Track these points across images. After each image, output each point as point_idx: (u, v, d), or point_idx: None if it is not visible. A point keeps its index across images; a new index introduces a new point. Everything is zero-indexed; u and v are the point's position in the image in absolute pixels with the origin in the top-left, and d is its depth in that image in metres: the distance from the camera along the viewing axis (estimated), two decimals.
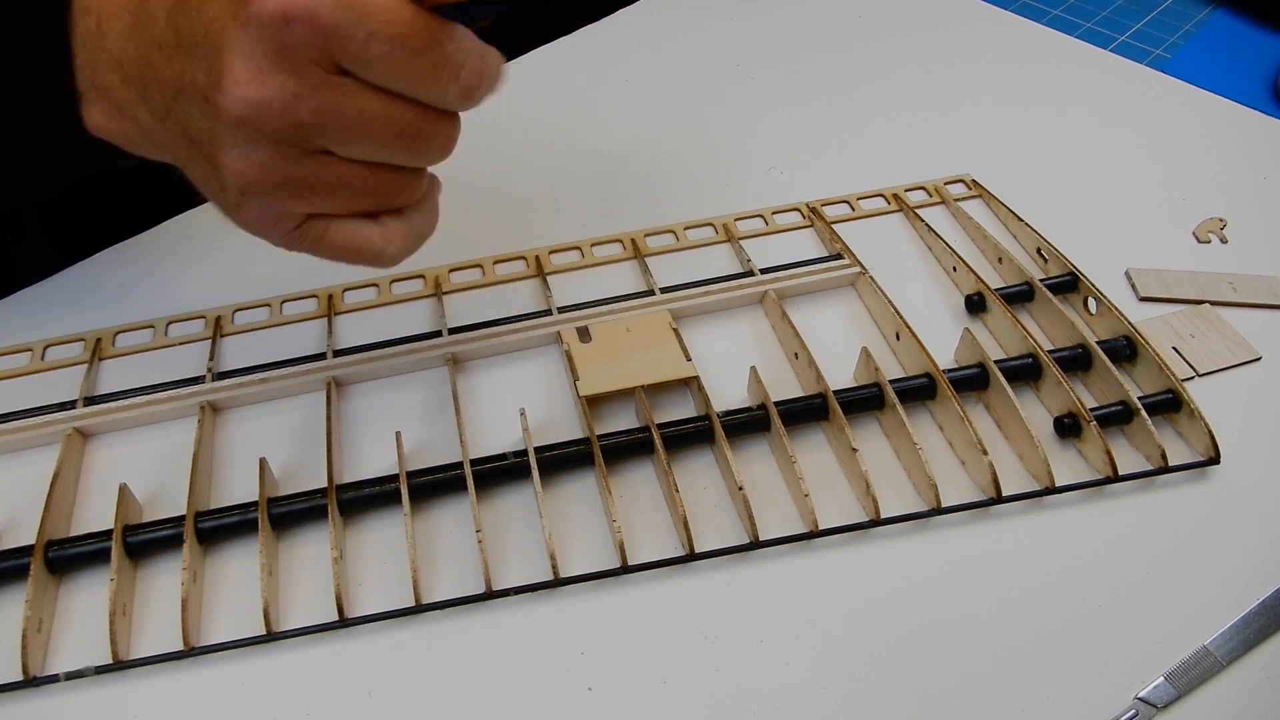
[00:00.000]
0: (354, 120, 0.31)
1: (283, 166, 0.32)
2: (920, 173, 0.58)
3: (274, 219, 0.34)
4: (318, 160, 0.32)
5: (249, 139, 0.31)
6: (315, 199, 0.33)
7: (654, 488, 0.42)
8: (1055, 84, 0.65)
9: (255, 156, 0.31)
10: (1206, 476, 0.42)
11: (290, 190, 0.32)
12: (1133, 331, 0.45)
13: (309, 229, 0.34)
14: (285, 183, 0.32)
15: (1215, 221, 0.54)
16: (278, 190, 0.32)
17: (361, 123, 0.31)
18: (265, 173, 0.32)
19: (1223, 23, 0.76)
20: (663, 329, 0.47)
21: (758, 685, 0.36)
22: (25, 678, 0.36)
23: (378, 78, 0.30)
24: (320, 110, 0.30)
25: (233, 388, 0.45)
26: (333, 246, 0.35)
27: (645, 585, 0.39)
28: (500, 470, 0.41)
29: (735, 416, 0.43)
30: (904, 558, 0.40)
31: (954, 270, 0.51)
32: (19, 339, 0.49)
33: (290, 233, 0.34)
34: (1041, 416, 0.45)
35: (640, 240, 0.53)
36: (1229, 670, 0.36)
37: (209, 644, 0.37)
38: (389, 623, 0.38)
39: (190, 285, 0.52)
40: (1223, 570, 0.39)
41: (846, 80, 0.66)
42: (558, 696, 0.36)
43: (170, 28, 0.31)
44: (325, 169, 0.32)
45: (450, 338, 0.47)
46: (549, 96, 0.64)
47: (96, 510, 0.42)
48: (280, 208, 0.33)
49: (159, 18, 0.32)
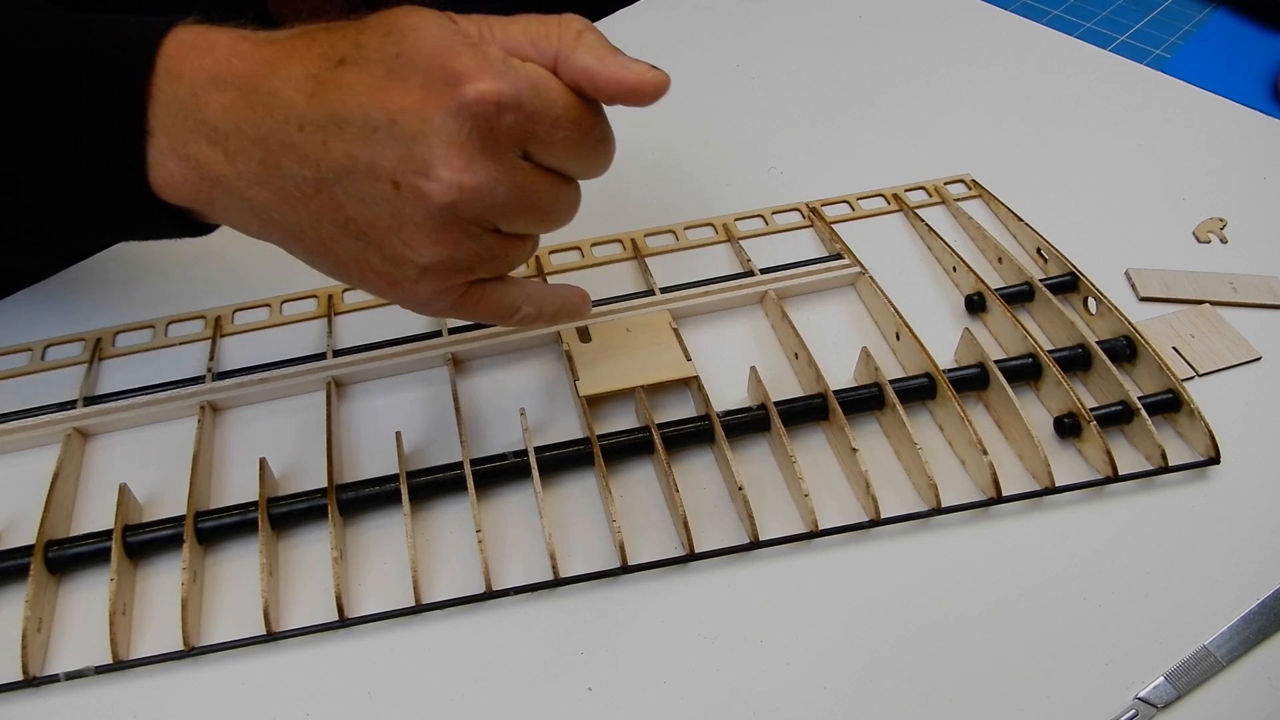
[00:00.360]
0: (531, 199, 0.33)
1: (469, 244, 0.33)
2: (920, 173, 0.58)
3: (445, 291, 0.35)
4: (491, 235, 0.34)
5: (448, 221, 0.32)
6: (480, 269, 0.35)
7: (654, 488, 0.42)
8: (1055, 84, 0.65)
9: (449, 236, 0.32)
10: (1206, 476, 0.42)
11: (467, 264, 0.34)
12: (1133, 331, 0.45)
13: (470, 295, 0.36)
14: (468, 259, 0.34)
15: (1215, 221, 0.54)
16: (457, 264, 0.34)
17: (535, 202, 0.33)
18: (456, 251, 0.33)
19: (1223, 23, 0.76)
20: (663, 329, 0.47)
21: (758, 685, 0.36)
22: (25, 678, 0.36)
23: (553, 159, 0.33)
24: (512, 193, 0.32)
25: (233, 388, 0.45)
26: (488, 308, 0.37)
27: (645, 585, 0.39)
28: (500, 470, 0.41)
29: (735, 416, 0.43)
30: (904, 558, 0.40)
31: (954, 270, 0.51)
32: (19, 339, 0.49)
33: (455, 301, 0.36)
34: (1041, 416, 0.45)
35: (640, 240, 0.53)
36: (1229, 670, 0.36)
37: (209, 644, 0.37)
38: (389, 623, 0.38)
39: (190, 285, 0.52)
40: (1223, 570, 0.39)
41: (846, 80, 0.66)
42: (558, 696, 0.36)
43: (321, 109, 0.31)
44: (496, 243, 0.34)
45: (450, 338, 0.47)
46: None
47: (96, 510, 0.42)
48: (453, 280, 0.35)
49: (295, 100, 0.32)
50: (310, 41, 0.33)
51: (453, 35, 0.32)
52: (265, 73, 0.32)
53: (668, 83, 0.33)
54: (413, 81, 0.31)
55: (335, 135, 0.31)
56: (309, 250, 0.35)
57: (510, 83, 0.30)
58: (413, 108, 0.31)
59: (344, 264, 0.35)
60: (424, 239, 0.32)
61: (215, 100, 0.32)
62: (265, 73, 0.32)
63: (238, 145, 0.32)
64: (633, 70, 0.32)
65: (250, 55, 0.33)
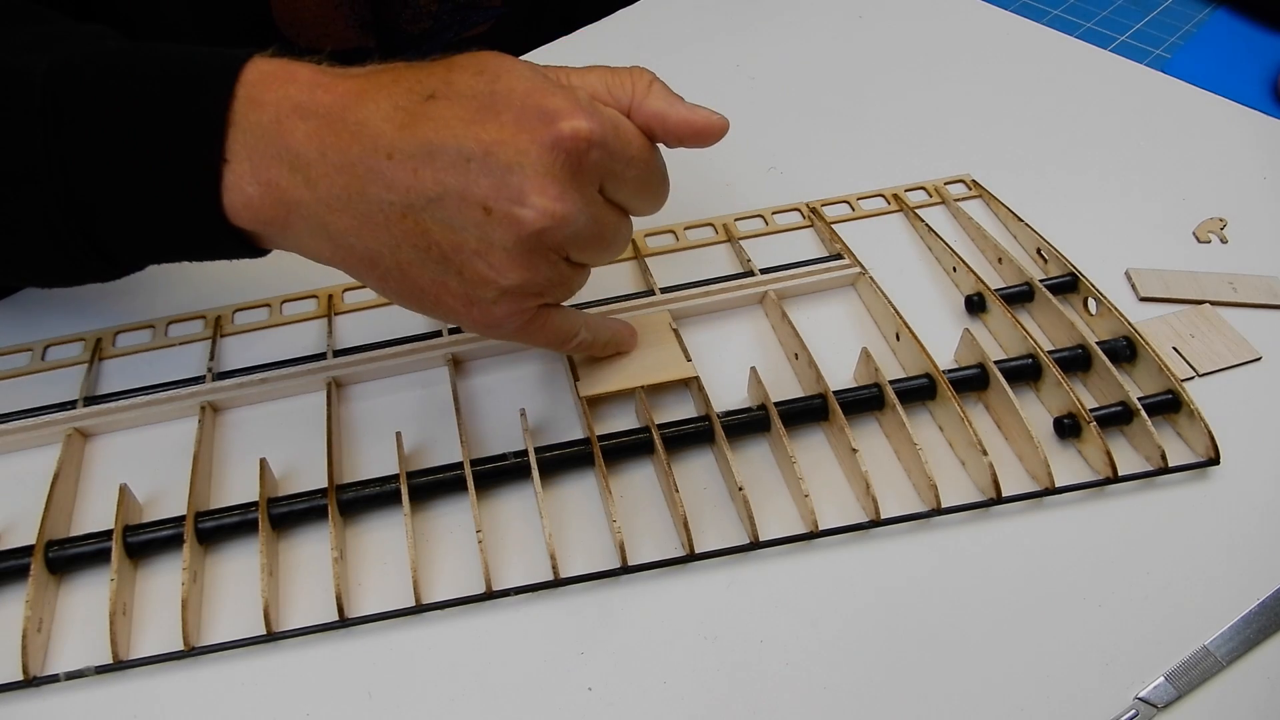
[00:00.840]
0: (602, 230, 0.36)
1: (546, 270, 0.35)
2: (920, 173, 0.58)
3: (518, 313, 0.37)
4: (565, 263, 0.36)
5: (535, 247, 0.34)
6: (550, 294, 0.37)
7: (654, 488, 0.42)
8: (1055, 84, 0.65)
9: (532, 261, 0.35)
10: (1206, 476, 0.42)
11: (540, 289, 0.36)
12: (1133, 332, 0.45)
13: (538, 318, 0.38)
14: (543, 283, 0.36)
15: (1215, 221, 0.54)
16: (533, 289, 0.36)
17: (604, 233, 0.36)
18: (535, 275, 0.35)
19: (1223, 23, 0.76)
20: (663, 329, 0.47)
21: (758, 685, 0.36)
22: (25, 678, 0.36)
23: (623, 195, 0.36)
24: (590, 223, 0.35)
25: (233, 388, 0.45)
26: (552, 331, 0.40)
27: (645, 585, 0.39)
28: (500, 470, 0.41)
29: (735, 417, 0.43)
30: (904, 558, 0.40)
31: (954, 270, 0.51)
32: (19, 339, 0.49)
33: (524, 323, 0.38)
34: (1041, 417, 0.45)
35: (640, 240, 0.53)
36: (1229, 670, 0.36)
37: (209, 644, 0.37)
38: (389, 623, 0.38)
39: (190, 285, 0.52)
40: (1223, 570, 0.39)
41: (846, 80, 0.66)
42: (558, 696, 0.36)
43: (412, 139, 0.33)
44: (567, 270, 0.37)
45: (451, 338, 0.47)
46: None
47: (96, 510, 0.42)
48: (526, 304, 0.37)
49: (384, 129, 0.33)
50: (396, 77, 0.35)
51: (543, 78, 0.34)
52: (351, 104, 0.34)
53: (728, 125, 0.38)
54: (506, 117, 0.33)
55: (426, 164, 0.33)
56: (384, 274, 0.36)
57: (598, 122, 0.33)
58: (508, 140, 0.33)
59: (420, 287, 0.36)
60: (509, 262, 0.34)
61: (299, 128, 0.34)
62: (351, 104, 0.34)
63: (320, 171, 0.34)
64: (699, 114, 0.37)
65: (333, 87, 0.34)
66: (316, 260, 0.37)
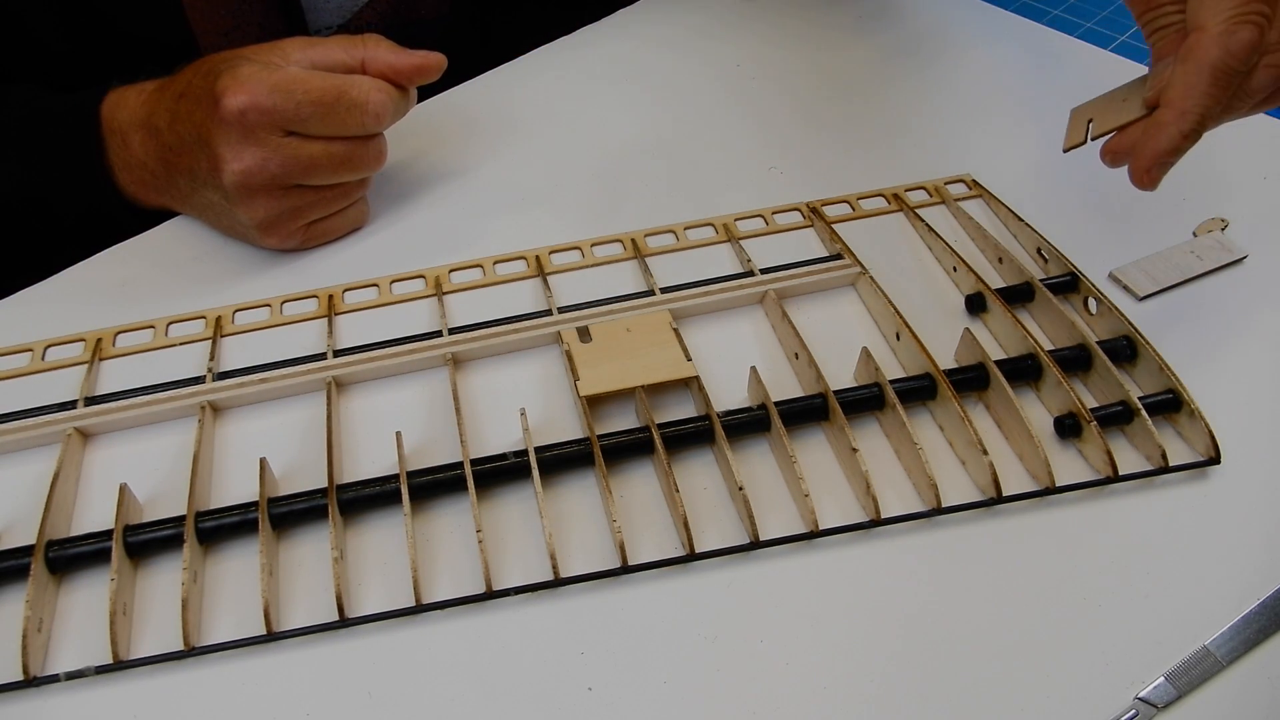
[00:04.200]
0: (308, 163, 0.46)
1: (276, 203, 0.47)
2: (920, 173, 0.58)
3: (287, 235, 0.50)
4: (298, 192, 0.48)
5: (249, 194, 0.46)
6: (307, 214, 0.50)
7: (654, 488, 0.42)
8: (1055, 84, 0.65)
9: (258, 203, 0.47)
10: (1206, 476, 0.42)
11: (289, 215, 0.49)
12: (1133, 331, 0.45)
13: (311, 233, 0.52)
14: (283, 212, 0.48)
15: (1215, 221, 0.54)
16: (280, 218, 0.48)
17: (313, 163, 0.46)
18: (268, 211, 0.47)
19: None
20: (663, 329, 0.47)
21: (758, 685, 0.36)
22: (25, 678, 0.36)
23: (314, 130, 0.45)
24: (283, 163, 0.45)
25: (233, 388, 0.45)
26: (329, 235, 0.53)
27: (645, 585, 0.39)
28: (500, 470, 0.41)
29: (735, 416, 0.43)
30: (904, 558, 0.40)
31: (954, 270, 0.51)
32: (19, 339, 0.49)
33: (303, 241, 0.52)
34: (1042, 416, 0.45)
35: (640, 240, 0.53)
36: (1229, 670, 0.36)
37: (209, 644, 0.37)
38: (389, 623, 0.38)
39: (190, 285, 0.52)
40: (1223, 570, 0.39)
41: (846, 80, 0.66)
42: (558, 696, 0.36)
43: (174, 134, 0.47)
44: (305, 195, 0.48)
45: (450, 338, 0.47)
46: (549, 96, 0.64)
47: (96, 510, 0.42)
48: (287, 228, 0.50)
49: (163, 128, 0.47)
50: (174, 81, 0.47)
51: (227, 65, 0.45)
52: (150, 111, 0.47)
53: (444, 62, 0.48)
54: (204, 105, 0.44)
55: (183, 151, 0.46)
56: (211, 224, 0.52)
57: (249, 92, 0.43)
58: (202, 122, 0.45)
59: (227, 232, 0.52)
60: (242, 208, 0.47)
61: (135, 137, 0.48)
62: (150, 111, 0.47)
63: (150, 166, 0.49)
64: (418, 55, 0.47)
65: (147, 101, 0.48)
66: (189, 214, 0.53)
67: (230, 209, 0.47)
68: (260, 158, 0.45)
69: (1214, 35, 0.34)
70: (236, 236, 0.51)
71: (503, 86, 0.66)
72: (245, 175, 0.45)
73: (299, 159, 0.46)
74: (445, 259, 0.53)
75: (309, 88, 0.44)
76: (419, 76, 0.48)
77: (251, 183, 0.45)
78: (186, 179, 0.48)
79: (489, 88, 0.65)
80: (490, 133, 0.46)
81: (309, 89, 0.44)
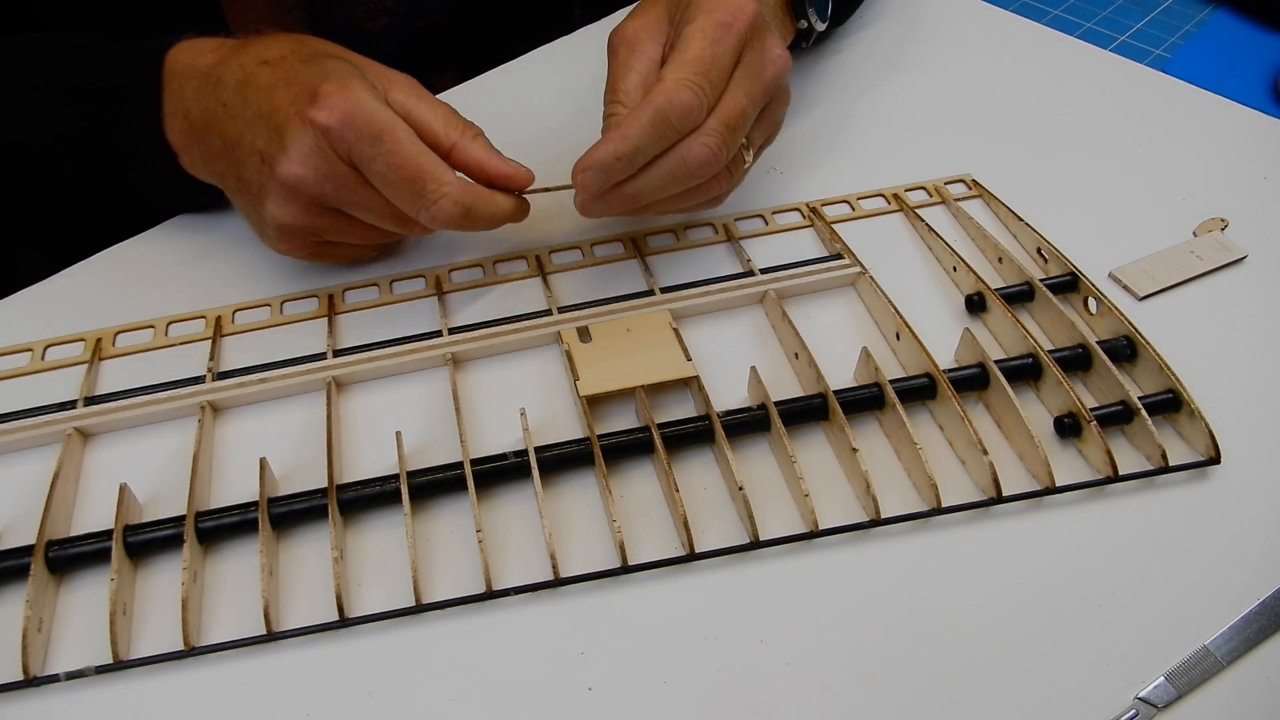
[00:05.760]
0: (357, 202, 0.44)
1: (308, 217, 0.45)
2: (920, 173, 0.58)
3: (299, 246, 0.48)
4: (332, 215, 0.45)
5: (289, 197, 0.43)
6: (328, 235, 0.47)
7: (654, 488, 0.42)
8: (1055, 84, 0.65)
9: (291, 209, 0.44)
10: (1206, 476, 0.42)
11: (312, 231, 0.46)
12: (1133, 331, 0.45)
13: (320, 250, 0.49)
14: (309, 226, 0.45)
15: (1215, 221, 0.54)
16: (303, 230, 0.46)
17: (361, 205, 0.44)
18: (295, 219, 0.44)
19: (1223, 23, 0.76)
20: (663, 329, 0.47)
21: (758, 685, 0.36)
22: (25, 678, 0.36)
23: (377, 183, 0.43)
24: (337, 190, 0.43)
25: (233, 388, 0.45)
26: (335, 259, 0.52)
27: (645, 585, 0.39)
28: (500, 470, 0.41)
29: (735, 416, 0.43)
30: (904, 558, 0.40)
31: (954, 270, 0.51)
32: (19, 339, 0.49)
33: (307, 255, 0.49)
34: (1041, 416, 0.45)
35: (640, 240, 0.53)
36: (1229, 670, 0.36)
37: (209, 644, 0.37)
38: (389, 623, 0.38)
39: (190, 285, 0.52)
40: (1223, 570, 0.39)
41: (847, 80, 0.66)
42: (558, 696, 0.36)
43: (237, 95, 0.44)
44: (336, 221, 0.46)
45: (450, 338, 0.47)
46: (549, 96, 0.64)
47: (96, 510, 0.42)
48: (303, 239, 0.47)
49: (229, 84, 0.44)
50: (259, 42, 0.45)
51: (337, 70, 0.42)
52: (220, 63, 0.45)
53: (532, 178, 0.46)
54: (293, 90, 0.42)
55: (239, 115, 0.44)
56: (230, 194, 0.48)
57: (341, 115, 0.41)
58: (284, 108, 0.42)
59: (243, 211, 0.48)
60: (277, 205, 0.44)
61: (189, 85, 0.46)
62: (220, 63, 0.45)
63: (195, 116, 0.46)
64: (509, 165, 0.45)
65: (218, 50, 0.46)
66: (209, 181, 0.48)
67: (260, 197, 0.44)
68: (319, 174, 0.42)
69: (664, 86, 0.42)
70: (242, 213, 0.48)
71: (503, 86, 0.66)
72: (298, 180, 0.42)
73: (352, 194, 0.43)
74: (445, 259, 0.53)
75: (396, 150, 0.41)
76: (503, 183, 0.45)
77: (299, 190, 0.43)
78: (224, 142, 0.45)
79: (489, 88, 0.65)
80: (490, 133, 0.46)
81: (396, 151, 0.41)
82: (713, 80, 0.42)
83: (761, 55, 0.44)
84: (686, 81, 0.41)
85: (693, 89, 0.41)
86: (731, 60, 0.43)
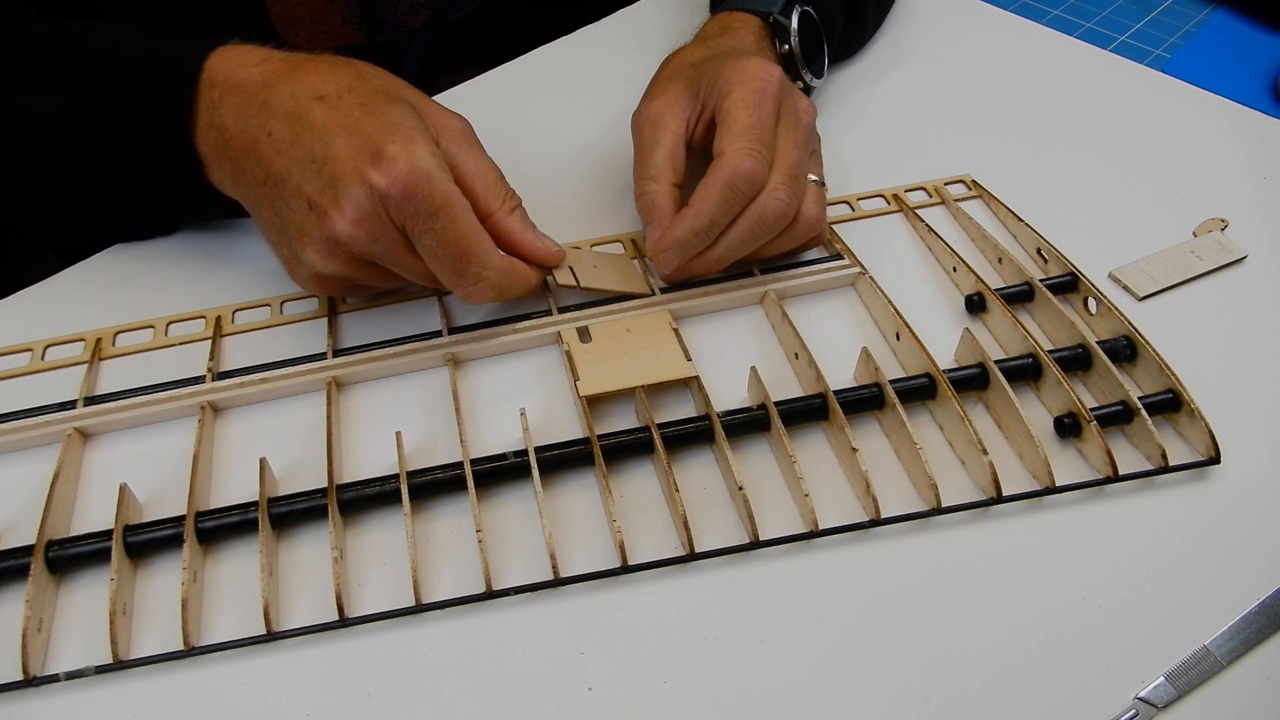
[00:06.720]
0: (401, 263, 0.43)
1: (347, 270, 0.43)
2: (920, 173, 0.58)
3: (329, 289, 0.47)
4: (370, 269, 0.44)
5: (334, 251, 0.42)
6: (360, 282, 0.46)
7: (654, 488, 0.42)
8: (1055, 84, 0.65)
9: (335, 261, 0.42)
10: (1206, 476, 0.42)
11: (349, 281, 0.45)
12: (1133, 331, 0.45)
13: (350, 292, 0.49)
14: (350, 277, 0.44)
15: (1215, 221, 0.54)
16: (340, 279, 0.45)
17: (404, 267, 0.43)
18: (336, 269, 0.43)
19: (1223, 23, 0.76)
20: (663, 329, 0.47)
21: (758, 685, 0.36)
22: (25, 678, 0.36)
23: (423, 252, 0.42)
24: (384, 252, 0.42)
25: (233, 388, 0.45)
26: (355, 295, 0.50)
27: (645, 585, 0.39)
28: (500, 470, 0.41)
29: (735, 416, 0.43)
30: (904, 558, 0.40)
31: (954, 270, 0.51)
32: (19, 339, 0.49)
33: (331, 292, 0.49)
34: (1041, 416, 0.45)
35: (641, 240, 0.53)
36: (1229, 670, 0.36)
37: (209, 644, 0.37)
38: (389, 623, 0.38)
39: (190, 285, 0.52)
40: (1223, 570, 0.39)
41: (845, 79, 0.66)
42: (558, 696, 0.36)
43: (286, 128, 0.42)
44: (373, 274, 0.45)
45: (450, 338, 0.47)
46: (549, 96, 0.64)
47: (96, 510, 0.42)
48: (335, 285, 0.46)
49: (276, 113, 0.42)
50: (314, 68, 0.43)
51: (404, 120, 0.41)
52: (267, 83, 0.43)
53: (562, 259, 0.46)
54: (355, 141, 0.40)
55: (287, 151, 0.41)
56: (259, 221, 0.46)
57: (404, 185, 0.39)
58: (343, 160, 0.40)
59: (272, 241, 0.46)
60: (318, 254, 0.42)
61: (229, 100, 0.44)
62: (267, 83, 0.43)
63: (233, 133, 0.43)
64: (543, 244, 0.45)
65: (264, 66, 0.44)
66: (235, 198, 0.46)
67: (300, 240, 0.42)
68: (370, 236, 0.41)
69: (727, 159, 0.45)
70: (270, 243, 0.46)
71: (503, 86, 0.66)
72: (348, 240, 0.41)
73: (397, 257, 0.42)
74: None
75: (449, 229, 0.41)
76: (534, 261, 0.45)
77: (349, 245, 0.41)
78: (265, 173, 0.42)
79: (489, 88, 0.65)
80: (490, 132, 0.46)
81: (448, 230, 0.41)
82: (766, 142, 0.46)
83: (795, 108, 0.48)
84: (746, 150, 0.45)
85: (753, 155, 0.45)
86: (774, 120, 0.47)
